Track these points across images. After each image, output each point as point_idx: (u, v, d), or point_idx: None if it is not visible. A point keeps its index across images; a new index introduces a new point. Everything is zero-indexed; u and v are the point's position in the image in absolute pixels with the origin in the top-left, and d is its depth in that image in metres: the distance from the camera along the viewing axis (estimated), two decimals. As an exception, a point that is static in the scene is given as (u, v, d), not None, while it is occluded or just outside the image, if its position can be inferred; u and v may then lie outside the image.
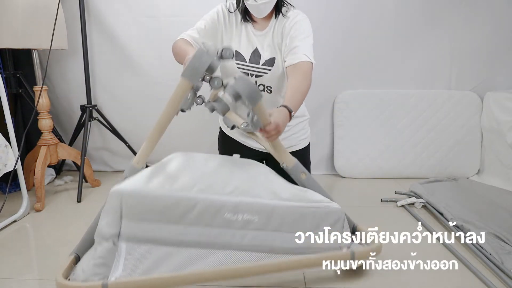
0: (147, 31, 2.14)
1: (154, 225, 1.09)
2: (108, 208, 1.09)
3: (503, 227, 1.42)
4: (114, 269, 1.05)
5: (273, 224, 1.14)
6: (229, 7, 1.46)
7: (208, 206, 1.10)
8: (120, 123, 2.30)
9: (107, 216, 1.08)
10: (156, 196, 1.09)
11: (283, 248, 1.15)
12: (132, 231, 1.08)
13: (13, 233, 1.51)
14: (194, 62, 1.09)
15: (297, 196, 1.19)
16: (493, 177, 2.06)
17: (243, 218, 1.12)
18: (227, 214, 1.11)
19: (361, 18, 2.11)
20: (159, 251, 1.08)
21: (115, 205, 1.08)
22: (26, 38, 1.67)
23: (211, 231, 1.11)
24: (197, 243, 1.10)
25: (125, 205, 1.08)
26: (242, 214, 1.12)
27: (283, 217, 1.15)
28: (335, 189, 2.04)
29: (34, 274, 1.21)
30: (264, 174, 1.27)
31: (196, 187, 1.13)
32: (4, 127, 1.62)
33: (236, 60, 1.44)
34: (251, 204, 1.13)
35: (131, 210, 1.08)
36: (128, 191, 1.09)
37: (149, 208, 1.08)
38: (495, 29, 2.10)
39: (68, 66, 2.23)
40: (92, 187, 2.07)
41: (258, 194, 1.16)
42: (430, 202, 1.71)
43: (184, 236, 1.09)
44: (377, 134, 2.19)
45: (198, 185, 1.13)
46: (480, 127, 2.17)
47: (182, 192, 1.11)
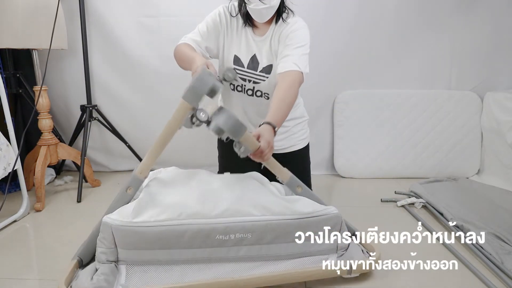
0: (147, 31, 2.14)
1: (148, 251, 1.11)
2: (102, 237, 1.12)
3: (503, 227, 1.42)
4: (116, 283, 1.08)
5: (267, 238, 1.15)
6: (230, 10, 1.44)
7: (198, 232, 1.11)
8: (120, 123, 2.30)
9: (103, 245, 1.12)
10: (145, 230, 1.10)
11: (280, 255, 1.16)
12: (128, 256, 1.12)
13: (13, 233, 1.51)
14: (195, 85, 1.11)
15: (289, 209, 1.18)
16: (493, 177, 2.06)
17: (236, 237, 1.13)
18: (218, 236, 1.12)
19: (361, 18, 2.11)
20: (157, 268, 1.11)
21: (108, 236, 1.11)
22: (26, 38, 1.67)
23: (204, 250, 1.13)
24: (194, 260, 1.13)
25: (117, 237, 1.11)
26: (234, 234, 1.13)
27: (278, 231, 1.15)
28: (335, 189, 2.04)
29: (34, 274, 1.21)
30: (254, 190, 1.27)
31: (184, 214, 1.13)
32: (4, 127, 1.63)
33: (235, 65, 1.44)
34: (243, 224, 1.13)
35: (123, 240, 1.11)
36: (117, 225, 1.10)
37: (140, 239, 1.11)
38: (495, 29, 2.10)
39: (68, 66, 2.23)
40: (92, 187, 2.07)
41: (249, 213, 1.15)
42: (430, 202, 1.71)
43: (179, 256, 1.12)
44: (377, 134, 2.19)
45: (187, 211, 1.14)
46: (480, 127, 2.17)
47: (170, 221, 1.12)
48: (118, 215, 1.13)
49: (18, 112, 2.07)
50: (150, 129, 2.31)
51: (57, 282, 1.04)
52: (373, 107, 2.19)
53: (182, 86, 2.45)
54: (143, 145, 2.34)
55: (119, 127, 2.28)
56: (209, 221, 1.12)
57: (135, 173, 1.21)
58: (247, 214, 1.15)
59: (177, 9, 2.10)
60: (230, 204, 1.16)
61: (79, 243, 1.41)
